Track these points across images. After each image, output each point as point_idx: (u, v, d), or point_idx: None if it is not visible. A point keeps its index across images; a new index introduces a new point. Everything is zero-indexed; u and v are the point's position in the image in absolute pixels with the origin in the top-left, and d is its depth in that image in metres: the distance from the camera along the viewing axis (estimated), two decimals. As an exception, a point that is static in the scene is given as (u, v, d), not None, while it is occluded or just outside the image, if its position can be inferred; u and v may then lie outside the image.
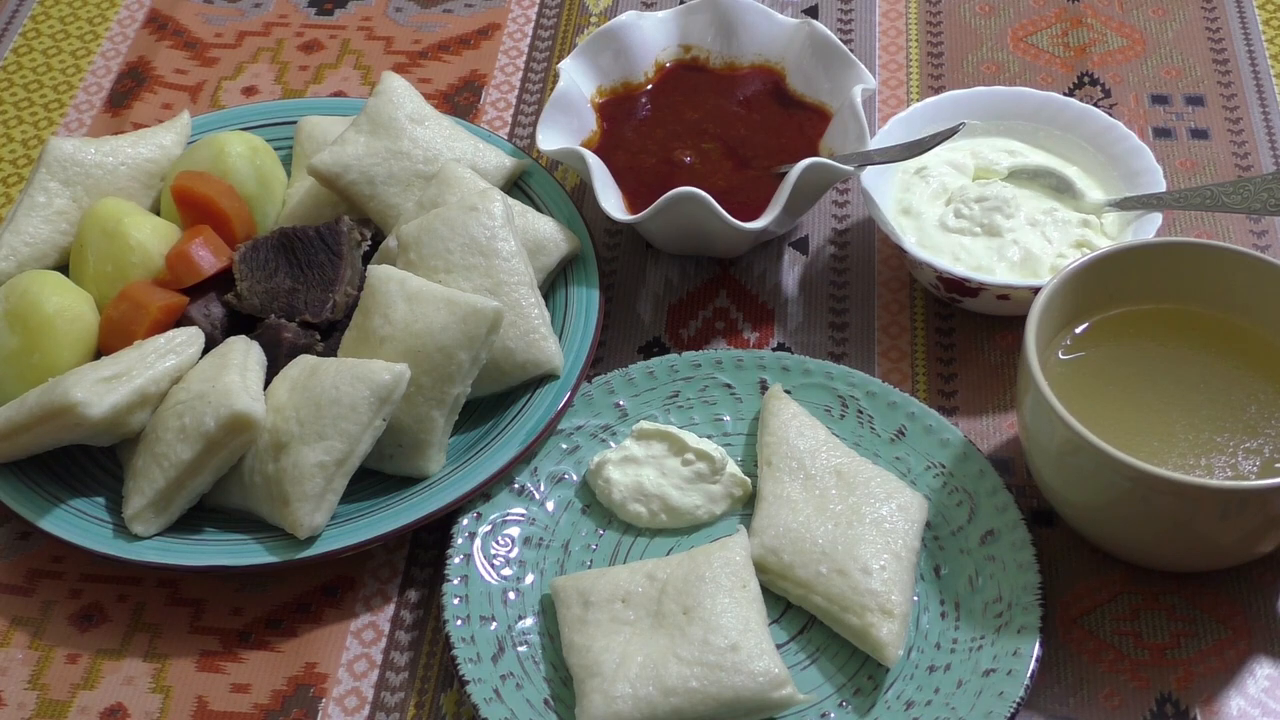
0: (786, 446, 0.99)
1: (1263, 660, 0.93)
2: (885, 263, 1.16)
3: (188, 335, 1.01)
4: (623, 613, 0.91)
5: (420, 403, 0.98)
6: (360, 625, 0.97)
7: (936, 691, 0.90)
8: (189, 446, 0.95)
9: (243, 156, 1.11)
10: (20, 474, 0.99)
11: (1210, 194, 1.07)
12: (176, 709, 0.93)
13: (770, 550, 0.94)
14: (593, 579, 0.93)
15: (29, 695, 0.94)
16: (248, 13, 1.40)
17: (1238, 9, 1.34)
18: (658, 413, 1.04)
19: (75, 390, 0.94)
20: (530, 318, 1.02)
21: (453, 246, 1.03)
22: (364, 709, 0.93)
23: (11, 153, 1.28)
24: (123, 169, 1.13)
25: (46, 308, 1.02)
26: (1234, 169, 1.22)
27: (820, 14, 1.36)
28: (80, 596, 0.99)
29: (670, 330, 1.13)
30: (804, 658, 0.93)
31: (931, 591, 0.95)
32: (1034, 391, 0.91)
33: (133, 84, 1.33)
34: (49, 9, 1.41)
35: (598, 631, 0.90)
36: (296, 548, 0.95)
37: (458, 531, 0.97)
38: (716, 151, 1.15)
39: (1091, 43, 1.33)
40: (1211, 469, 0.92)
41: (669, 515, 0.99)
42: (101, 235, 1.07)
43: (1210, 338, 0.99)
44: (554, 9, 1.38)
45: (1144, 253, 0.99)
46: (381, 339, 0.99)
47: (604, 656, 0.89)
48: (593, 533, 0.99)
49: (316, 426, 0.95)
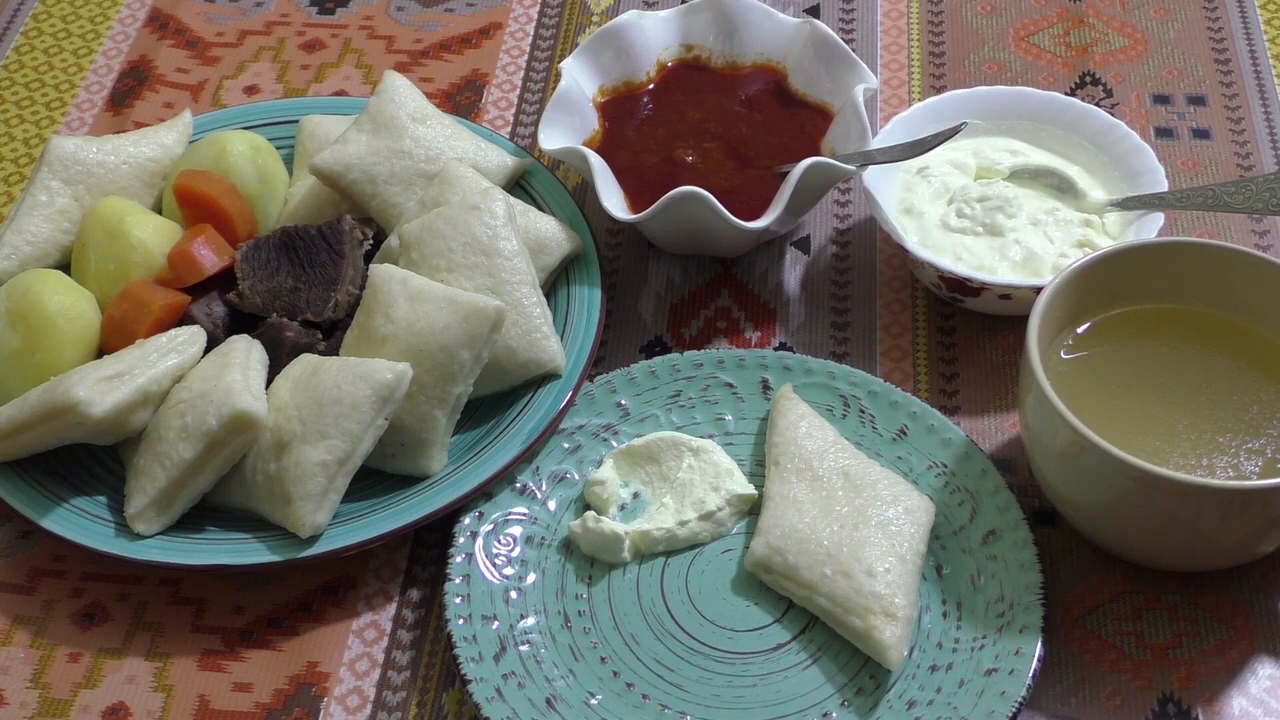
0: (794, 447, 0.99)
1: (1265, 660, 0.93)
2: (887, 262, 1.16)
3: (189, 334, 1.01)
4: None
5: (422, 402, 0.98)
6: (362, 624, 0.97)
7: (938, 691, 0.90)
8: (191, 445, 0.95)
9: (244, 155, 1.11)
10: (22, 473, 0.99)
11: (1212, 194, 1.07)
12: (178, 708, 0.93)
13: (775, 550, 0.94)
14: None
15: (31, 694, 0.94)
16: (249, 12, 1.40)
17: (1239, 9, 1.35)
18: (659, 412, 1.04)
19: (77, 389, 0.94)
20: (532, 317, 1.02)
21: (455, 245, 1.03)
22: (366, 708, 0.93)
23: (13, 151, 1.28)
24: (124, 168, 1.13)
25: (48, 306, 1.02)
26: (1236, 169, 1.22)
27: (822, 13, 1.36)
28: (82, 595, 0.99)
29: (672, 329, 1.13)
30: (806, 657, 0.93)
31: (933, 591, 0.95)
32: (1036, 391, 0.91)
33: (134, 83, 1.33)
34: (51, 8, 1.41)
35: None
36: (298, 547, 0.95)
37: (459, 530, 0.97)
38: (718, 151, 1.15)
39: (1093, 42, 1.33)
40: (1214, 469, 0.92)
41: (679, 544, 0.99)
42: (103, 234, 1.07)
43: (1212, 338, 0.99)
44: (556, 8, 1.38)
45: (1146, 252, 0.99)
46: (384, 338, 0.99)
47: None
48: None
49: (318, 425, 0.95)
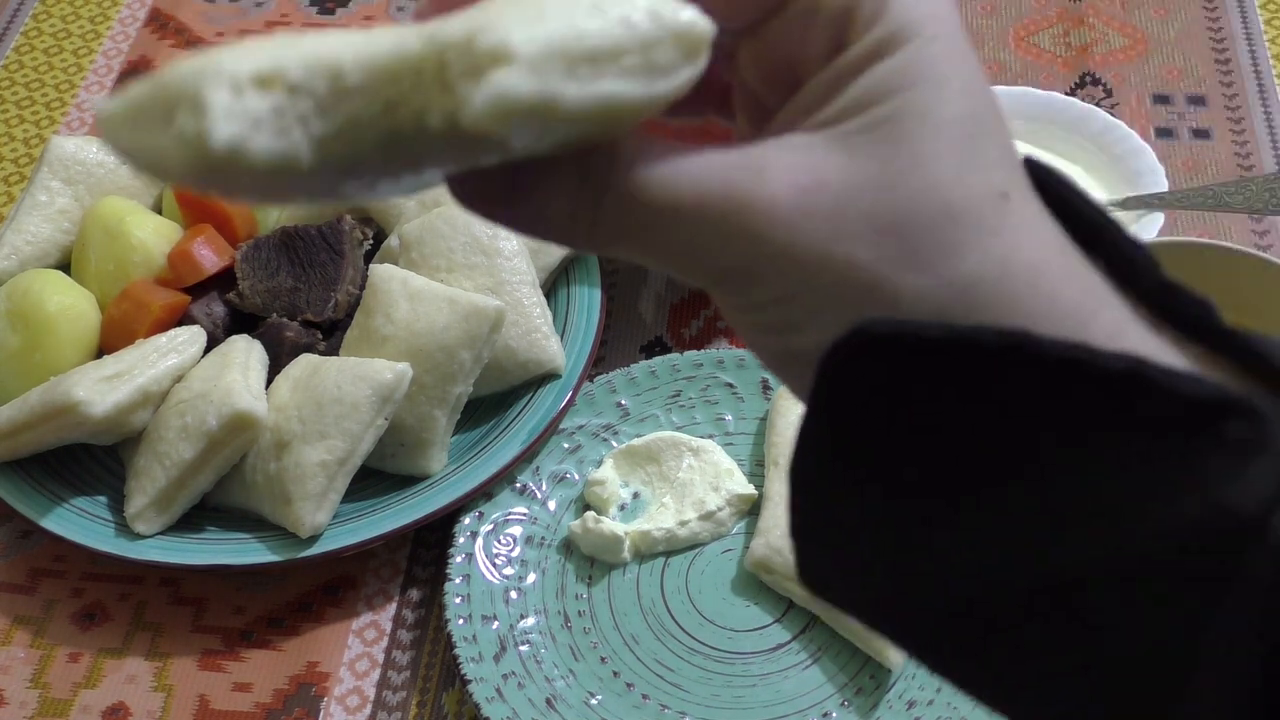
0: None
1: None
2: (887, 262, 1.16)
3: (189, 334, 1.01)
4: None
5: (422, 402, 0.98)
6: (362, 624, 0.97)
7: (939, 691, 0.90)
8: (191, 445, 0.95)
9: (245, 155, 1.11)
10: (22, 473, 0.99)
11: (1212, 194, 1.07)
12: (178, 708, 0.93)
13: (775, 550, 0.94)
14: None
15: (31, 694, 0.94)
16: (249, 11, 1.40)
17: (1239, 9, 1.34)
18: (659, 412, 1.04)
19: (77, 389, 0.94)
20: (532, 317, 1.02)
21: (455, 245, 1.03)
22: (366, 708, 0.93)
23: (13, 151, 1.28)
24: (124, 168, 1.13)
25: (48, 306, 1.02)
26: (1236, 169, 1.22)
27: (822, 13, 1.36)
28: (82, 595, 0.99)
29: (672, 330, 1.13)
30: (806, 657, 0.93)
31: (933, 591, 0.95)
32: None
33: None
34: (51, 8, 1.41)
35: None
36: (298, 547, 0.95)
37: (459, 530, 0.97)
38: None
39: (1093, 42, 1.33)
40: (1214, 469, 0.92)
41: (679, 544, 0.99)
42: (103, 234, 1.07)
43: (1212, 337, 0.99)
44: (556, 8, 1.38)
45: (1146, 252, 0.99)
46: (384, 338, 0.99)
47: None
48: (595, 532, 1.00)
49: (318, 425, 0.95)
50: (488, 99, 0.35)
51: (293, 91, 0.36)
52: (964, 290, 0.39)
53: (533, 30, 0.36)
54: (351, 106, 0.36)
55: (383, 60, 0.36)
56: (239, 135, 0.35)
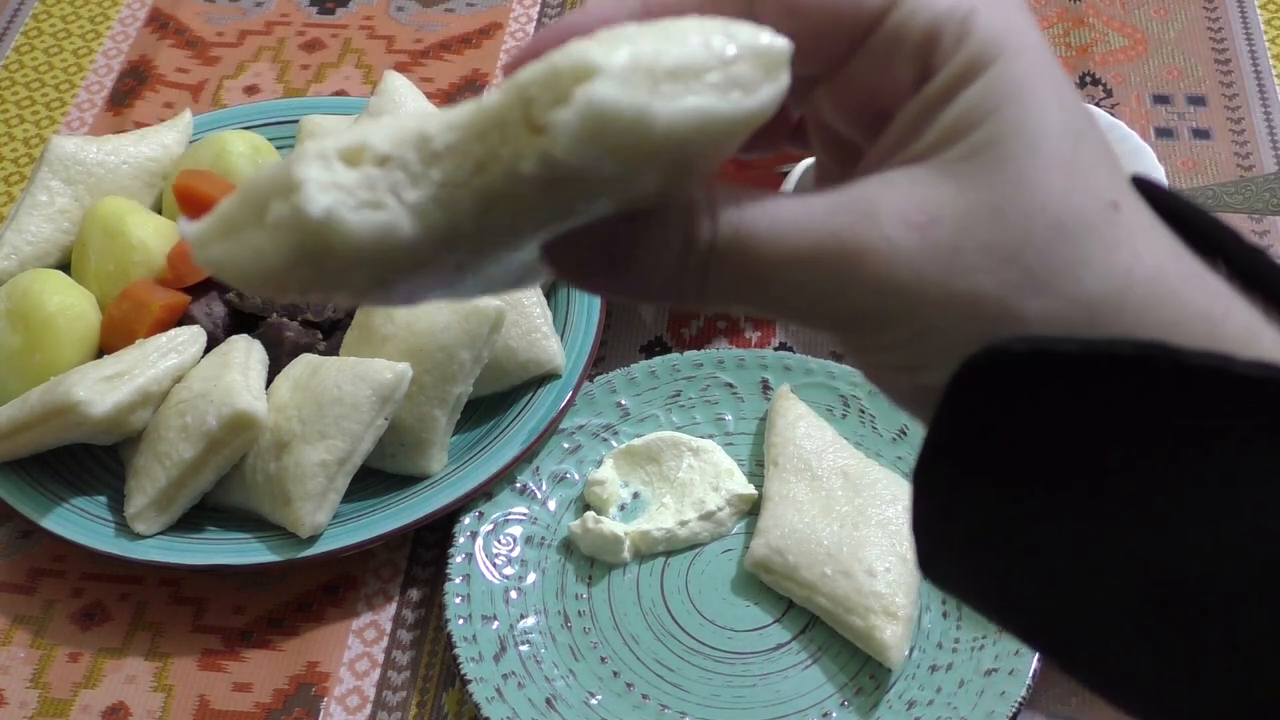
0: (793, 447, 0.99)
1: (1265, 660, 0.93)
2: (887, 262, 1.16)
3: (189, 334, 1.01)
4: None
5: (422, 402, 0.98)
6: (362, 624, 0.97)
7: (939, 691, 0.90)
8: (191, 445, 0.95)
9: (244, 155, 1.11)
10: (22, 473, 0.99)
11: (1212, 194, 1.07)
12: (178, 708, 0.93)
13: (775, 551, 0.94)
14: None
15: (31, 694, 0.94)
16: (249, 11, 1.40)
17: (1239, 9, 1.34)
18: (659, 412, 1.04)
19: (77, 389, 0.94)
20: (532, 317, 1.02)
21: (455, 245, 1.02)
22: (366, 708, 0.93)
23: (13, 151, 1.28)
24: (125, 168, 1.13)
25: (48, 306, 1.02)
26: (1236, 169, 1.22)
27: (822, 13, 1.36)
28: (82, 595, 0.99)
29: (672, 330, 1.13)
30: (806, 657, 0.93)
31: (933, 590, 0.95)
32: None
33: (134, 83, 1.33)
34: (51, 8, 1.41)
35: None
36: (298, 546, 0.95)
37: (459, 530, 0.97)
38: (718, 151, 1.15)
39: (1093, 42, 1.33)
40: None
41: (679, 544, 0.99)
42: (103, 234, 1.07)
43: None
44: (555, 8, 1.38)
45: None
46: (384, 338, 0.99)
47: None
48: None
49: (318, 425, 0.95)
50: (579, 111, 0.35)
51: (382, 163, 0.35)
52: (1091, 307, 0.39)
53: (614, 48, 0.35)
54: (443, 170, 0.36)
55: (467, 119, 0.36)
56: (335, 203, 0.35)
